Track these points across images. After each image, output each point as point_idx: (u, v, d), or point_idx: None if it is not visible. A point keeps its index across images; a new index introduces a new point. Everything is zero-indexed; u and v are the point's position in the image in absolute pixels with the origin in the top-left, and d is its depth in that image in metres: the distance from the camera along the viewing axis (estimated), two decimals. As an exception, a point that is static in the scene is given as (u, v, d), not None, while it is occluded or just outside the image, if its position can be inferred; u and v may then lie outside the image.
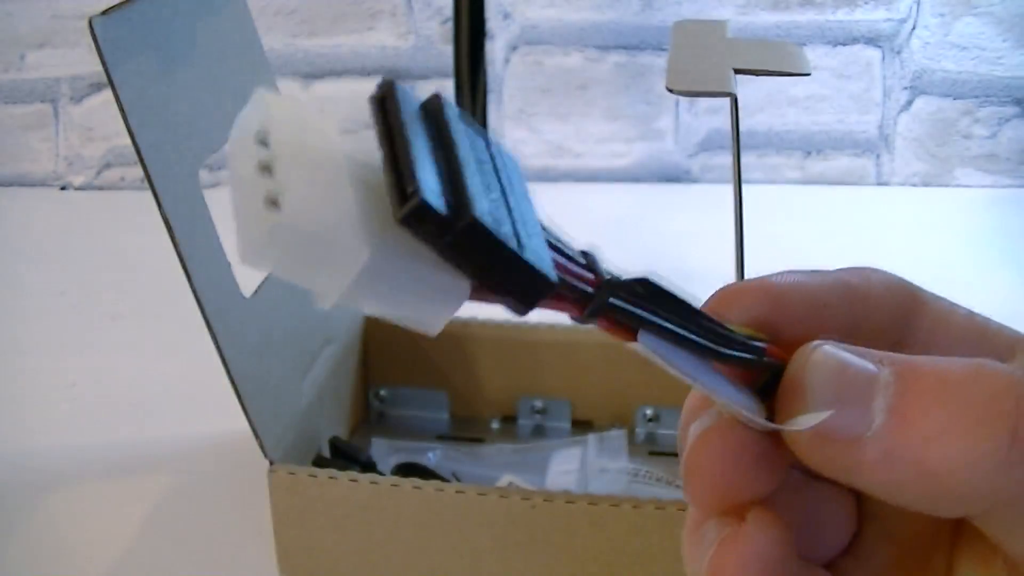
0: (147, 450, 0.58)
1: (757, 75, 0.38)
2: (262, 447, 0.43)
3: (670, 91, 0.34)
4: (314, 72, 0.93)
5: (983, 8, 0.89)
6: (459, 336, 0.57)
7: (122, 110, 0.35)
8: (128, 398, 0.63)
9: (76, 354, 0.68)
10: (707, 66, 0.37)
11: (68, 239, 0.86)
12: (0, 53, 0.93)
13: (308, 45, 0.92)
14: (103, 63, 0.34)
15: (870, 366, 0.19)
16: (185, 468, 0.56)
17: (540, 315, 0.19)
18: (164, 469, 0.56)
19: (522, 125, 0.94)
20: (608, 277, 0.19)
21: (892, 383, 0.18)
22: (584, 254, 0.20)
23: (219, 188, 0.44)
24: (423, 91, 0.98)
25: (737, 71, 0.37)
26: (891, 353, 0.19)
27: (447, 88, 0.92)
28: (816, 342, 0.20)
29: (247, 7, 0.46)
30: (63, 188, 0.96)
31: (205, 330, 0.41)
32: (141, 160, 0.36)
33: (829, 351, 0.19)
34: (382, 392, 0.59)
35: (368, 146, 0.18)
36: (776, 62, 0.38)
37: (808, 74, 0.38)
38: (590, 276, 0.19)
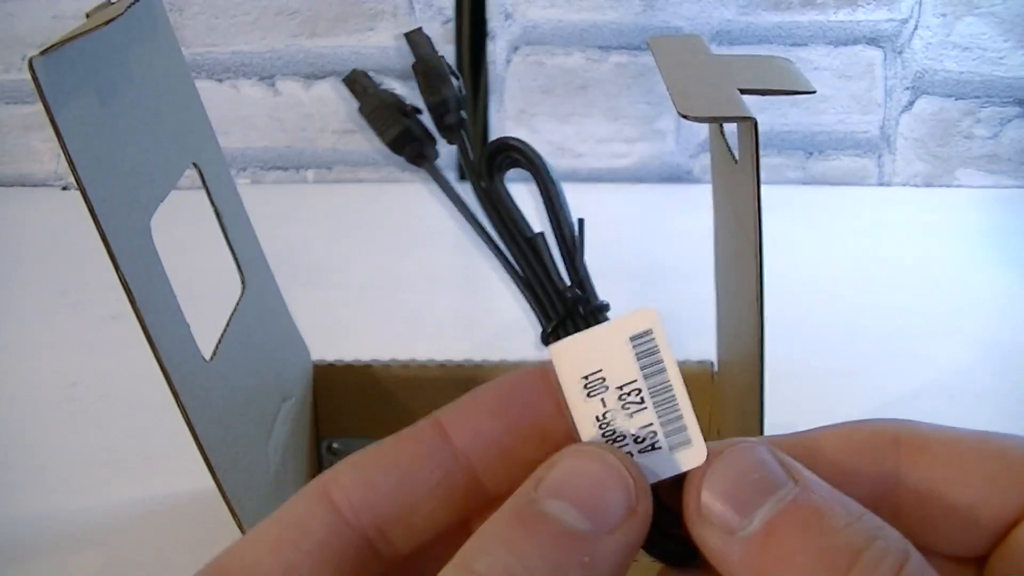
0: (146, 450, 0.58)
1: (763, 95, 0.37)
2: (239, 524, 0.40)
3: (684, 117, 0.34)
4: (315, 72, 0.93)
5: (985, 8, 0.89)
6: (413, 380, 0.52)
7: (70, 162, 0.32)
8: (128, 398, 0.63)
9: (76, 354, 0.68)
10: (712, 89, 0.36)
11: (68, 239, 0.86)
12: (0, 53, 0.93)
13: (309, 45, 0.92)
14: (46, 108, 0.31)
15: (781, 476, 0.20)
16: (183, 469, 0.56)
17: (500, 352, 0.19)
18: (162, 472, 0.56)
19: (523, 125, 0.94)
20: None
21: (786, 499, 0.20)
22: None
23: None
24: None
25: (742, 91, 0.36)
26: (813, 477, 0.20)
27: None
28: (755, 439, 0.21)
29: (171, 28, 0.43)
30: (64, 188, 0.96)
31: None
32: (94, 216, 0.32)
33: (757, 448, 0.20)
34: (335, 444, 0.54)
35: None
36: (779, 80, 0.38)
37: (813, 91, 0.38)
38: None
